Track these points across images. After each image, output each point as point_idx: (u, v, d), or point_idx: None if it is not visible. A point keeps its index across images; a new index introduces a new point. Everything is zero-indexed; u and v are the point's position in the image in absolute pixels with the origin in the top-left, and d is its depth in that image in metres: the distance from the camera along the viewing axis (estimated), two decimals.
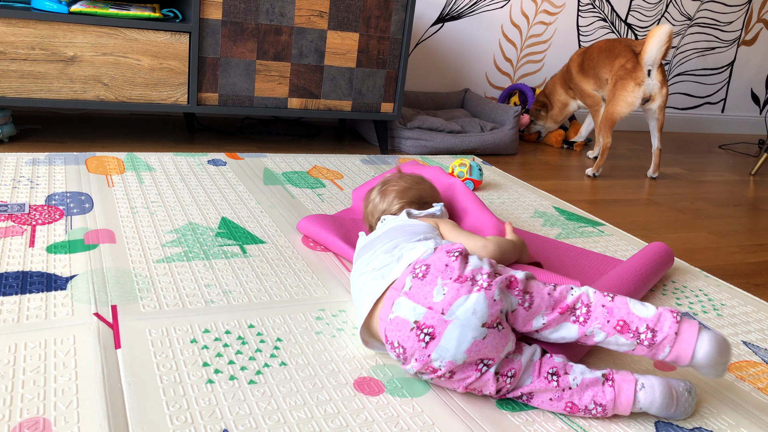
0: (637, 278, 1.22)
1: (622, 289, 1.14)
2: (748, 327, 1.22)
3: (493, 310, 0.83)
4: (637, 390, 0.85)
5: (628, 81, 2.23)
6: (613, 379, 0.87)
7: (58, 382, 0.81)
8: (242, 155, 1.91)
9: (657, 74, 2.21)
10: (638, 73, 2.21)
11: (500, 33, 2.86)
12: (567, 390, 0.86)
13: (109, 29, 1.71)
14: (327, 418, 0.81)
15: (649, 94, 2.24)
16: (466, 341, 0.81)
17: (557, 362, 0.87)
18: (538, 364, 0.87)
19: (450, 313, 0.82)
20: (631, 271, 1.23)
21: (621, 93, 2.25)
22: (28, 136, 1.89)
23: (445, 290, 0.83)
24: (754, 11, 3.51)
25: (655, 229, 1.79)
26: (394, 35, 2.05)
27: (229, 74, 1.89)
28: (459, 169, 1.85)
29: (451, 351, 0.82)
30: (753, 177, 2.68)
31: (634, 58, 2.22)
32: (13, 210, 1.30)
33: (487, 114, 2.61)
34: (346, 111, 2.08)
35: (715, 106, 3.68)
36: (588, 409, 0.86)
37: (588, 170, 2.30)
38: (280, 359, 0.92)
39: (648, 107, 2.28)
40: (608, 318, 0.86)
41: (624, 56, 2.27)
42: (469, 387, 0.86)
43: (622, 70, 2.25)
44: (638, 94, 2.22)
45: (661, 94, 2.25)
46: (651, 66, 2.19)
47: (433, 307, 0.82)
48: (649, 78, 2.21)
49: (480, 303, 0.82)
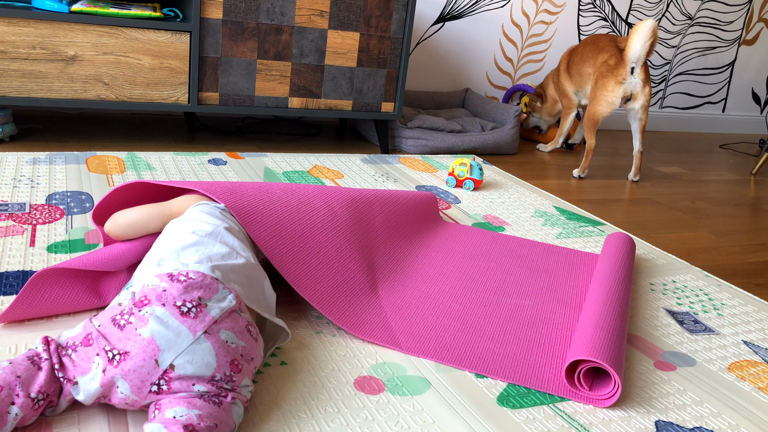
0: (626, 282, 1.21)
1: (614, 300, 1.12)
2: (748, 327, 1.22)
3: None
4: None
5: (608, 79, 2.16)
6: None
7: None
8: (243, 155, 1.91)
9: (640, 72, 2.13)
10: (620, 70, 2.13)
11: (501, 32, 2.86)
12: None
13: (109, 29, 1.71)
14: (327, 417, 0.81)
15: (631, 92, 2.15)
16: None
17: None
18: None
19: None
20: (618, 279, 1.20)
21: (601, 92, 2.18)
22: (28, 135, 1.89)
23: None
24: (754, 11, 3.51)
25: (655, 228, 1.79)
26: (394, 35, 2.05)
27: (229, 74, 1.89)
28: (459, 168, 1.85)
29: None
30: (754, 176, 2.68)
31: (618, 54, 2.15)
32: (13, 209, 1.30)
33: (487, 113, 2.61)
34: (347, 110, 2.08)
35: (715, 106, 3.67)
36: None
37: (574, 171, 2.27)
38: (280, 359, 0.92)
39: (630, 107, 2.20)
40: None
41: (607, 51, 2.19)
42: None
43: (604, 67, 2.18)
44: (618, 93, 2.15)
45: (644, 93, 2.16)
46: (635, 63, 2.11)
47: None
48: (631, 76, 2.13)
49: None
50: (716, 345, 1.14)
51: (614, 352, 0.92)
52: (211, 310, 0.75)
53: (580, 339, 0.95)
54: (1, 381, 0.68)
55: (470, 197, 1.79)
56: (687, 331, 1.17)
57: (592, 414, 0.89)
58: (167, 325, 0.72)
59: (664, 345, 1.11)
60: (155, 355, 0.70)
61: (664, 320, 1.20)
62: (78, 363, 0.72)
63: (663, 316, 1.22)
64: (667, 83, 3.44)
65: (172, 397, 0.71)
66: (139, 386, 0.70)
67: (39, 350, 0.73)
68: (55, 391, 0.71)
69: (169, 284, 0.76)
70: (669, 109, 3.52)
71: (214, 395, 0.72)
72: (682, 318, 1.22)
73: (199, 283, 0.77)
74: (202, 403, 0.71)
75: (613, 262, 1.27)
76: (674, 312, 1.24)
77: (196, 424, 0.68)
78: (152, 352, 0.70)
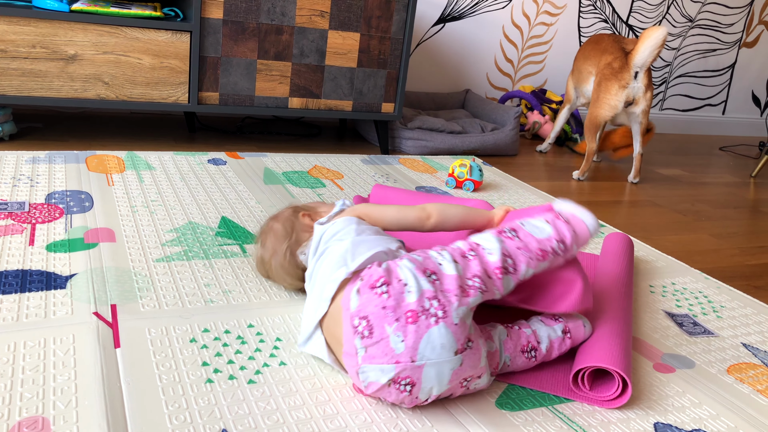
0: (628, 281, 1.21)
1: (622, 300, 1.13)
2: (747, 329, 1.22)
3: (458, 335, 0.79)
4: (585, 329, 0.98)
5: (612, 82, 2.13)
6: (569, 329, 0.97)
7: (58, 381, 0.81)
8: (242, 154, 1.91)
9: (643, 77, 2.11)
10: (624, 74, 2.11)
11: (501, 34, 2.86)
12: (541, 359, 0.95)
13: (110, 28, 1.71)
14: (326, 418, 0.81)
15: (633, 97, 2.14)
16: (446, 375, 0.80)
17: (528, 335, 0.94)
18: (509, 343, 0.92)
19: (420, 357, 0.77)
20: (622, 278, 1.21)
21: (604, 95, 2.16)
22: (28, 134, 1.89)
23: (402, 337, 0.77)
24: (755, 13, 3.51)
25: (655, 230, 1.79)
26: (395, 35, 2.05)
27: (229, 73, 1.89)
28: (459, 169, 1.85)
29: (435, 388, 0.80)
30: (753, 179, 2.68)
31: (623, 57, 2.12)
32: (13, 208, 1.30)
33: (487, 114, 2.61)
34: (347, 111, 2.08)
35: (715, 108, 3.67)
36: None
37: (574, 173, 2.26)
38: (279, 359, 0.92)
39: (631, 111, 2.18)
40: (529, 255, 0.90)
41: (612, 53, 2.17)
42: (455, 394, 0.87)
43: (608, 69, 2.15)
44: (621, 98, 2.13)
45: (645, 98, 2.14)
46: (640, 68, 2.10)
47: (400, 359, 0.77)
48: (635, 81, 2.11)
49: (444, 335, 0.78)
50: (715, 347, 1.13)
51: (628, 359, 0.93)
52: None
53: (600, 345, 0.95)
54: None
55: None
56: (686, 334, 1.17)
57: (591, 416, 0.89)
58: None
59: (664, 347, 1.11)
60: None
61: (663, 322, 1.20)
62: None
63: (662, 318, 1.22)
64: (667, 85, 3.44)
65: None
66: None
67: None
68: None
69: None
70: (669, 111, 3.52)
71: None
72: (682, 320, 1.22)
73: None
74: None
75: (619, 265, 1.26)
76: (673, 314, 1.24)
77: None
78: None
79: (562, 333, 0.96)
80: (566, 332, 0.96)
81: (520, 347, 0.93)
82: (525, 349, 0.93)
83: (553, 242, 0.92)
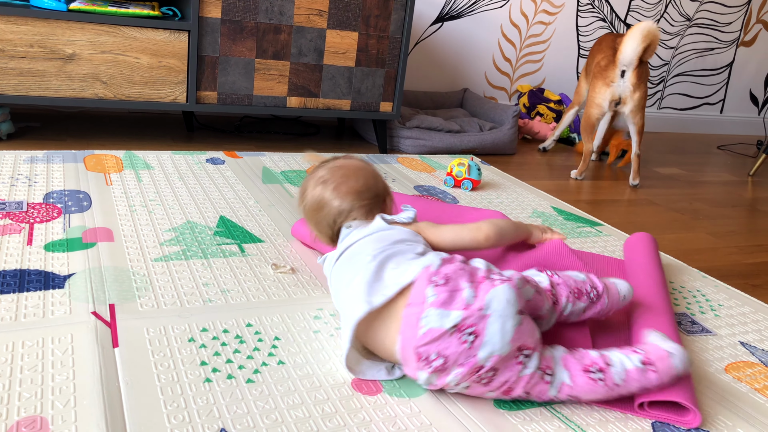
0: (662, 282, 1.21)
1: (664, 304, 1.12)
2: (745, 328, 1.23)
3: (520, 299, 0.87)
4: (672, 361, 0.88)
5: (597, 80, 2.11)
6: (651, 361, 0.87)
7: (56, 380, 0.81)
8: (241, 154, 1.91)
9: (631, 76, 2.05)
10: (609, 72, 2.07)
11: (499, 33, 2.86)
12: (614, 387, 0.87)
13: (108, 27, 1.71)
14: (324, 417, 0.81)
15: (619, 96, 2.08)
16: (509, 330, 0.82)
17: (594, 357, 0.88)
18: (570, 359, 0.88)
19: (487, 307, 0.83)
20: (657, 278, 1.21)
21: (591, 94, 2.15)
22: (26, 133, 1.89)
23: (474, 290, 0.85)
24: (753, 12, 3.52)
25: (653, 229, 1.79)
26: (393, 34, 2.05)
27: (228, 73, 1.88)
28: (458, 168, 1.85)
29: (497, 344, 0.82)
30: (751, 178, 2.69)
31: (612, 55, 2.09)
32: (11, 208, 1.30)
33: (486, 114, 2.61)
34: (345, 110, 2.08)
35: (713, 107, 3.68)
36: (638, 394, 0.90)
37: (572, 172, 2.25)
38: (278, 358, 0.92)
39: (619, 110, 2.14)
40: (568, 290, 0.98)
41: (603, 52, 2.14)
42: (507, 386, 0.84)
43: (597, 68, 2.13)
44: (605, 96, 2.09)
45: (633, 98, 2.08)
46: (626, 66, 2.05)
47: (469, 307, 0.83)
48: (621, 79, 2.07)
49: (510, 293, 0.85)
50: (713, 346, 1.14)
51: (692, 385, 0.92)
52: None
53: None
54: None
55: (468, 197, 1.79)
56: (684, 332, 1.17)
57: (589, 415, 0.89)
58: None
59: None
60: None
61: None
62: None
63: None
64: (665, 84, 3.45)
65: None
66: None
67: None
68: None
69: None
70: (667, 110, 3.52)
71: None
72: (680, 319, 1.22)
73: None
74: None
75: (658, 272, 1.25)
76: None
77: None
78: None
79: (642, 364, 0.87)
80: (648, 363, 0.87)
81: (582, 366, 0.87)
82: (588, 368, 0.87)
83: (587, 286, 1.00)
